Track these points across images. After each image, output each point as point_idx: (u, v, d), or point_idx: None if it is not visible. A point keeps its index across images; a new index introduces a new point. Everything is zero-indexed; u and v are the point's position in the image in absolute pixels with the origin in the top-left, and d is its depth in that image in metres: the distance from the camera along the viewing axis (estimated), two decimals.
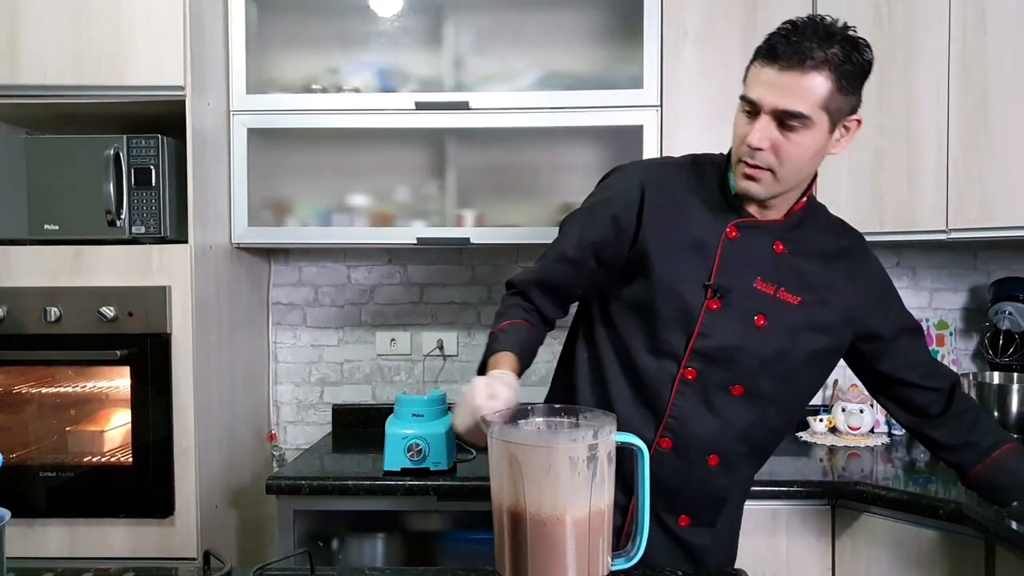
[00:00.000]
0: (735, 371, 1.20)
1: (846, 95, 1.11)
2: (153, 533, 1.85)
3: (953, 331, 2.35)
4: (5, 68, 1.85)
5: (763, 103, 1.10)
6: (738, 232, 1.20)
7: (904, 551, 1.71)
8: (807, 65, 1.07)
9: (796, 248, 1.22)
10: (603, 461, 0.91)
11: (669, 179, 1.25)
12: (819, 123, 1.10)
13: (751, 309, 1.19)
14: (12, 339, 1.83)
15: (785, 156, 1.11)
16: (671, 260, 1.20)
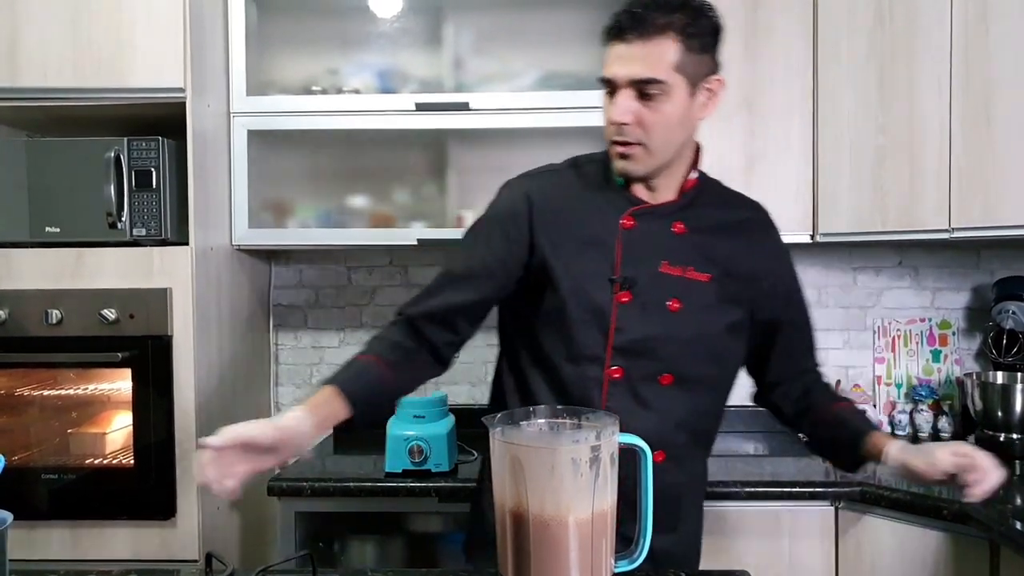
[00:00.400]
0: (660, 360, 1.18)
1: (698, 55, 1.12)
2: (155, 535, 1.85)
3: (956, 331, 2.34)
4: (5, 71, 1.85)
5: (617, 78, 1.11)
6: (634, 220, 1.19)
7: (908, 552, 1.70)
8: (651, 32, 1.08)
9: (696, 225, 1.21)
10: (606, 462, 0.90)
11: (554, 185, 1.24)
12: (677, 87, 1.11)
13: (662, 295, 1.18)
14: (14, 341, 1.83)
15: (651, 126, 1.12)
16: (572, 263, 1.18)
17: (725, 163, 2.06)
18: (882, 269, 2.38)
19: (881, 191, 1.97)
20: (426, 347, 1.22)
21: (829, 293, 2.39)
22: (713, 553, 1.81)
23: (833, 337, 2.39)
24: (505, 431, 0.94)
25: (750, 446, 2.21)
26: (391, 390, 1.20)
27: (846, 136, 2.01)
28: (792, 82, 2.06)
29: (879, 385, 2.35)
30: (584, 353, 1.17)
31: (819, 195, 2.05)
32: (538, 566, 0.89)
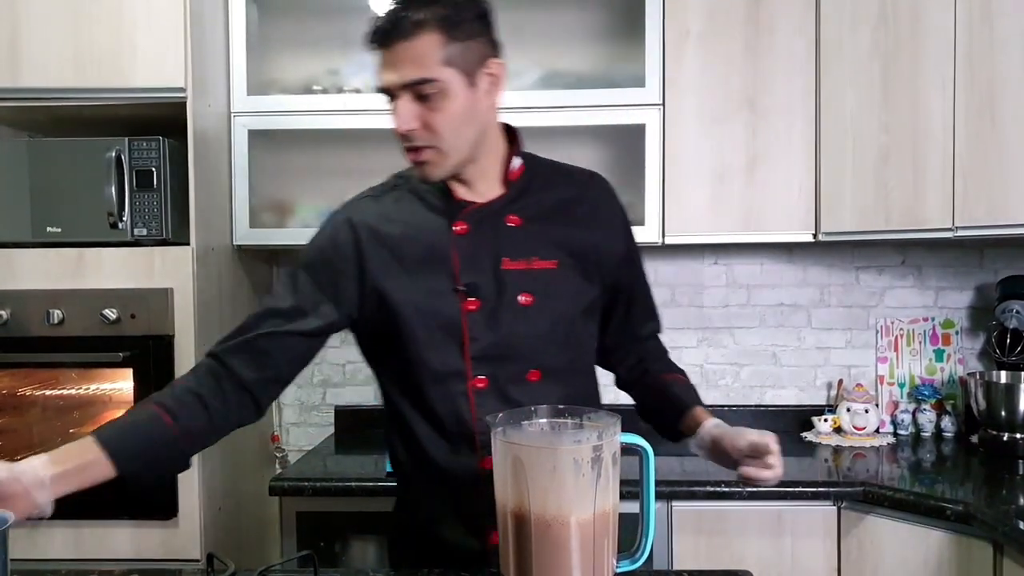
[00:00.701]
0: (522, 359, 1.14)
1: (465, 44, 1.06)
2: (157, 535, 1.85)
3: (959, 330, 2.33)
4: (6, 71, 1.85)
5: (390, 85, 1.07)
6: (466, 224, 1.14)
7: (911, 553, 1.69)
8: (410, 31, 1.04)
9: (531, 214, 1.17)
10: (608, 462, 0.90)
11: (377, 208, 1.18)
12: (452, 81, 1.05)
13: (511, 292, 1.13)
14: (16, 342, 1.83)
15: (437, 127, 1.07)
16: (411, 284, 1.13)
17: (726, 162, 2.07)
18: (885, 268, 2.37)
19: (884, 190, 1.97)
20: (232, 387, 1.11)
21: (831, 292, 2.39)
22: (715, 553, 1.81)
23: (835, 336, 2.38)
24: (506, 431, 0.93)
25: None
26: (170, 441, 1.08)
27: (849, 134, 2.01)
28: (794, 80, 2.06)
29: (882, 385, 2.34)
30: (444, 371, 1.13)
31: (822, 194, 2.05)
32: (540, 566, 0.89)
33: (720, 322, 2.41)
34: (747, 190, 2.07)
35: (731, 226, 2.07)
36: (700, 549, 1.81)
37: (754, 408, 2.39)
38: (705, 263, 2.41)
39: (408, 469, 1.21)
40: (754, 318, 2.40)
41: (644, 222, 2.05)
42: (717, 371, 2.41)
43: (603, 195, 1.25)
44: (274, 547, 2.23)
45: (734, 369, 2.41)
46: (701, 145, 2.07)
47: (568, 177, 1.24)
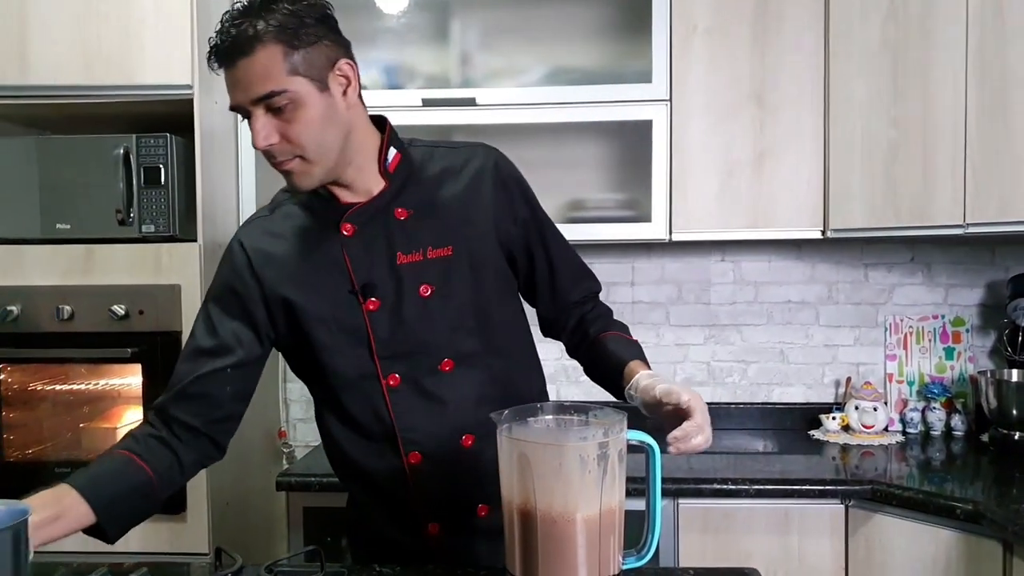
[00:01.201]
0: (432, 351, 1.13)
1: (308, 50, 1.03)
2: (165, 530, 1.87)
3: (970, 328, 2.31)
4: (15, 69, 1.86)
5: (240, 101, 1.04)
6: (353, 226, 1.13)
7: (920, 552, 1.68)
8: (246, 47, 1.00)
9: (416, 204, 1.15)
10: (614, 459, 0.90)
11: (266, 226, 1.18)
12: (302, 89, 1.03)
13: (410, 285, 1.12)
14: (26, 337, 1.85)
15: (296, 137, 1.04)
16: (309, 294, 1.13)
17: (733, 158, 2.06)
18: (894, 265, 2.36)
19: (893, 186, 1.95)
20: (187, 435, 1.13)
21: (840, 289, 2.37)
22: (721, 551, 1.81)
23: (844, 334, 2.37)
24: (512, 428, 0.93)
25: (759, 443, 2.20)
26: (145, 485, 1.09)
27: (858, 130, 1.99)
28: (802, 75, 2.04)
29: (891, 383, 2.33)
30: (356, 375, 1.13)
31: (830, 190, 2.03)
32: (545, 563, 0.89)
33: (727, 319, 2.40)
34: (755, 186, 2.06)
35: (738, 222, 2.06)
36: (707, 547, 1.81)
37: (761, 406, 2.38)
38: (712, 260, 2.40)
39: (341, 474, 1.23)
40: (762, 315, 2.39)
41: (651, 218, 2.05)
42: (724, 368, 2.40)
43: (486, 163, 1.19)
44: (281, 542, 2.24)
45: (741, 367, 2.40)
46: (708, 141, 2.06)
47: (451, 157, 1.21)
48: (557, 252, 1.25)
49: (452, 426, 1.14)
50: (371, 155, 1.14)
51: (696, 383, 2.40)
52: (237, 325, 1.15)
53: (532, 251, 1.23)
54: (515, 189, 1.21)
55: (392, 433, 1.14)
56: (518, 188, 1.22)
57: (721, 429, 2.35)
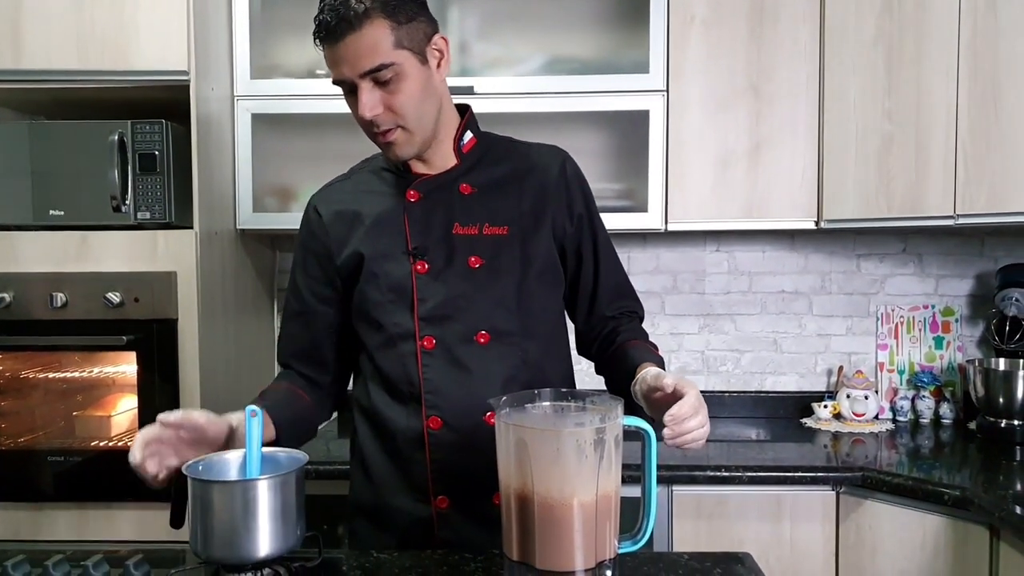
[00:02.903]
0: (470, 320, 1.17)
1: (408, 25, 1.10)
2: (161, 517, 1.85)
3: (959, 318, 2.34)
4: (9, 53, 1.85)
5: (349, 76, 1.11)
6: (418, 193, 1.20)
7: (908, 537, 1.71)
8: (356, 23, 1.07)
9: (483, 182, 1.22)
10: (610, 445, 0.91)
11: (341, 189, 1.28)
12: (406, 63, 1.10)
13: (461, 256, 1.18)
14: (19, 325, 1.84)
15: (400, 108, 1.12)
16: (367, 250, 1.20)
17: (729, 148, 2.07)
18: (886, 256, 2.38)
19: (887, 177, 1.97)
20: (306, 383, 1.28)
21: (833, 279, 2.39)
22: (715, 536, 1.83)
23: (836, 323, 2.39)
24: (511, 413, 0.94)
25: (752, 431, 2.22)
26: (308, 412, 1.26)
27: (852, 121, 2.01)
28: (798, 67, 2.05)
29: (881, 371, 2.35)
30: (395, 332, 1.18)
31: (824, 181, 2.05)
32: (542, 547, 0.90)
33: (721, 309, 2.41)
34: (750, 177, 2.07)
35: (734, 213, 2.07)
36: (700, 533, 1.83)
37: (755, 394, 2.40)
38: (707, 250, 2.41)
39: (364, 437, 1.26)
40: (755, 305, 2.41)
41: (647, 208, 2.06)
42: (718, 357, 2.42)
43: (555, 160, 1.26)
44: None
45: (735, 355, 2.42)
46: (705, 131, 2.07)
47: (523, 150, 1.28)
48: (605, 264, 1.29)
49: (476, 399, 1.16)
50: (450, 132, 1.22)
51: (690, 372, 2.42)
52: (318, 286, 1.25)
53: (582, 253, 1.27)
54: (577, 188, 1.26)
55: (418, 394, 1.18)
56: (580, 188, 1.27)
57: (715, 417, 2.37)
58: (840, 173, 2.03)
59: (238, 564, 0.99)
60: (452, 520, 1.19)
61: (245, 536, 0.97)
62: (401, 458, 1.20)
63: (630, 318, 1.32)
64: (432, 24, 1.15)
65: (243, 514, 0.97)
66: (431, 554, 1.12)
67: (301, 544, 1.04)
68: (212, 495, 0.98)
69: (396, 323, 1.18)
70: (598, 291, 1.29)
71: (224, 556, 0.99)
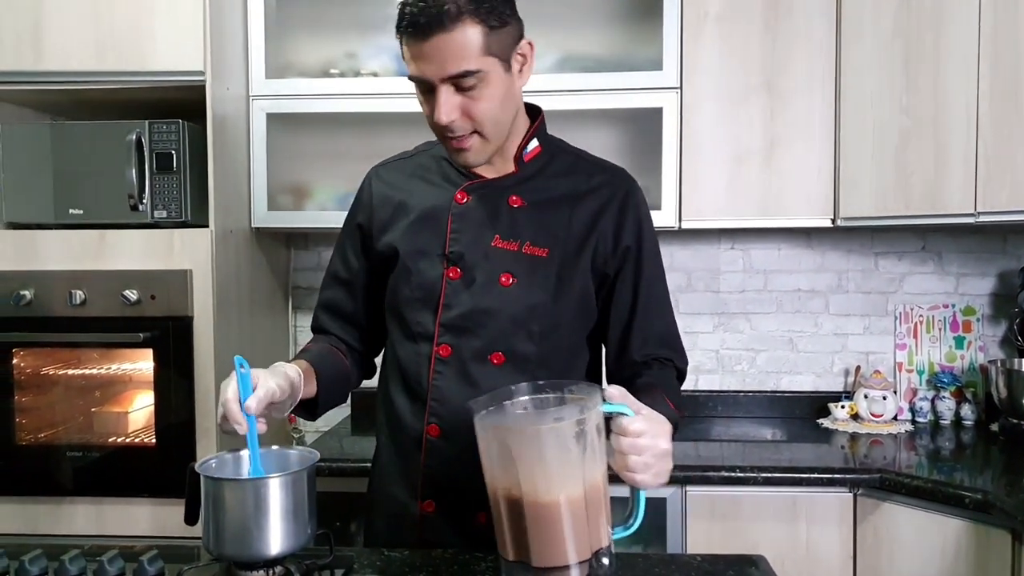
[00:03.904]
0: (488, 337, 1.13)
1: (500, 30, 1.04)
2: (176, 513, 1.86)
3: (980, 317, 2.31)
4: (30, 55, 1.87)
5: (430, 77, 1.03)
6: (468, 196, 1.16)
7: (928, 541, 1.69)
8: (448, 23, 1.00)
9: (535, 198, 1.16)
10: (592, 434, 0.88)
11: (398, 169, 1.25)
12: (492, 70, 1.04)
13: (494, 270, 1.13)
14: (39, 321, 1.86)
15: (479, 115, 1.06)
16: (406, 242, 1.17)
17: (744, 146, 2.05)
18: (905, 254, 2.35)
19: (904, 174, 1.94)
20: (342, 344, 1.27)
21: (849, 278, 2.37)
22: (729, 538, 1.81)
23: (853, 322, 2.36)
24: (489, 414, 0.91)
25: (767, 431, 2.20)
26: (346, 374, 1.25)
27: (869, 117, 1.98)
28: (814, 62, 2.03)
29: (900, 371, 2.32)
30: (416, 331, 1.17)
31: (840, 178, 2.02)
32: (537, 545, 0.89)
33: (736, 307, 2.39)
34: (765, 174, 2.05)
35: (748, 210, 2.06)
36: (714, 534, 1.81)
37: (770, 394, 2.38)
38: (722, 248, 2.39)
39: (380, 424, 1.27)
40: (771, 303, 2.39)
41: (661, 206, 2.04)
42: (733, 356, 2.40)
43: (619, 187, 1.20)
44: None
45: (750, 355, 2.40)
46: (718, 129, 2.05)
47: (588, 168, 1.21)
48: (645, 305, 1.19)
49: None
50: (517, 137, 1.17)
51: (705, 371, 2.40)
52: (357, 256, 1.25)
53: (617, 287, 1.18)
54: (632, 218, 1.18)
55: (425, 397, 1.17)
56: (635, 219, 1.19)
57: (729, 417, 2.35)
58: (857, 170, 2.00)
59: (250, 562, 1.00)
60: (436, 525, 1.18)
61: (257, 534, 0.97)
62: (402, 451, 1.21)
63: (662, 365, 1.21)
64: (520, 27, 1.09)
65: (255, 512, 0.97)
66: (441, 553, 1.12)
67: (313, 542, 1.04)
68: (224, 493, 0.99)
69: (419, 322, 1.17)
70: (632, 333, 1.19)
71: (236, 554, 0.99)
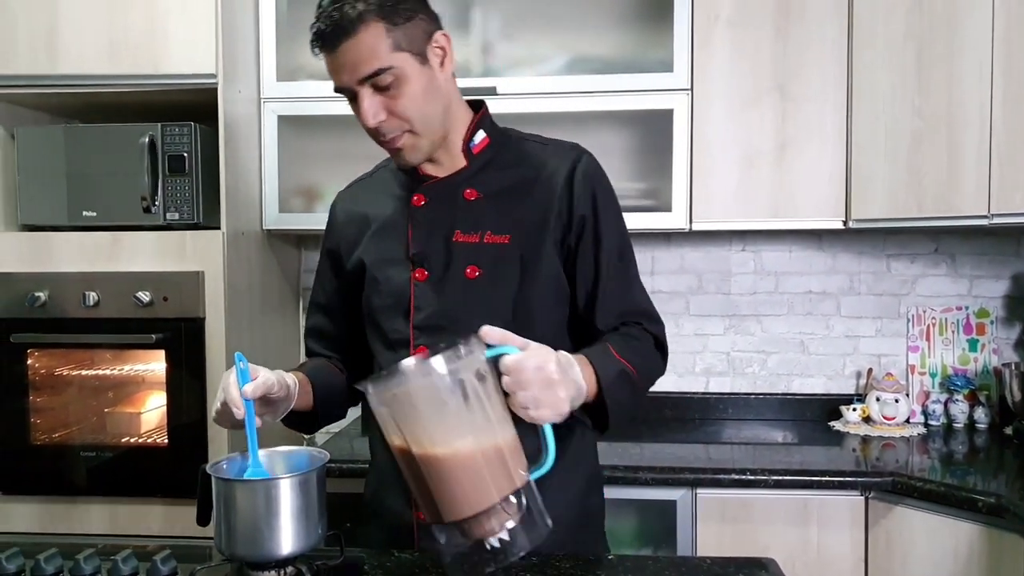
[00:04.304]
0: (464, 332, 1.09)
1: (405, 25, 1.06)
2: (189, 513, 1.87)
3: (994, 320, 2.29)
4: (44, 59, 1.89)
5: (348, 84, 1.07)
6: (424, 197, 1.18)
7: (940, 545, 1.67)
8: (351, 28, 1.03)
9: (490, 188, 1.17)
10: (473, 382, 0.87)
11: (359, 189, 1.30)
12: (405, 65, 1.06)
13: (459, 264, 1.14)
14: (54, 323, 1.88)
15: (403, 111, 1.08)
16: (371, 254, 1.20)
17: (755, 148, 2.04)
18: (917, 256, 2.33)
19: (917, 176, 1.93)
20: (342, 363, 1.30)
21: (862, 280, 2.35)
22: (739, 541, 1.81)
23: (865, 325, 2.35)
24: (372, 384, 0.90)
25: (778, 434, 2.19)
26: (345, 391, 1.27)
27: (881, 119, 1.97)
28: (825, 64, 2.02)
29: (912, 374, 2.31)
30: (394, 339, 1.18)
31: (852, 180, 2.01)
32: (446, 501, 0.88)
33: (747, 309, 2.38)
34: (776, 176, 2.04)
35: (759, 212, 2.05)
36: (724, 537, 1.81)
37: (781, 396, 2.37)
38: (733, 250, 2.38)
39: (373, 432, 1.27)
40: (782, 306, 2.38)
41: (671, 208, 2.04)
42: (744, 359, 2.39)
43: (566, 161, 1.18)
44: None
45: (761, 357, 2.39)
46: (729, 131, 2.04)
47: (538, 152, 1.21)
48: (608, 274, 1.16)
49: None
50: (459, 132, 1.18)
51: (716, 373, 2.39)
52: (334, 281, 1.28)
53: (578, 258, 1.17)
54: (584, 187, 1.17)
55: None
56: (588, 187, 1.17)
57: (740, 420, 2.34)
58: (869, 172, 1.99)
59: (261, 562, 1.00)
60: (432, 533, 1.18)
61: (268, 534, 0.98)
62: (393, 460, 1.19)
63: (629, 327, 1.18)
64: (433, 21, 1.12)
65: (265, 513, 0.98)
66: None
67: (323, 542, 1.05)
68: (235, 494, 1.00)
69: (395, 329, 1.18)
70: (596, 303, 1.17)
71: (247, 554, 1.00)
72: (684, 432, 2.17)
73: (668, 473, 1.79)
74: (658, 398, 2.38)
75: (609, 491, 1.30)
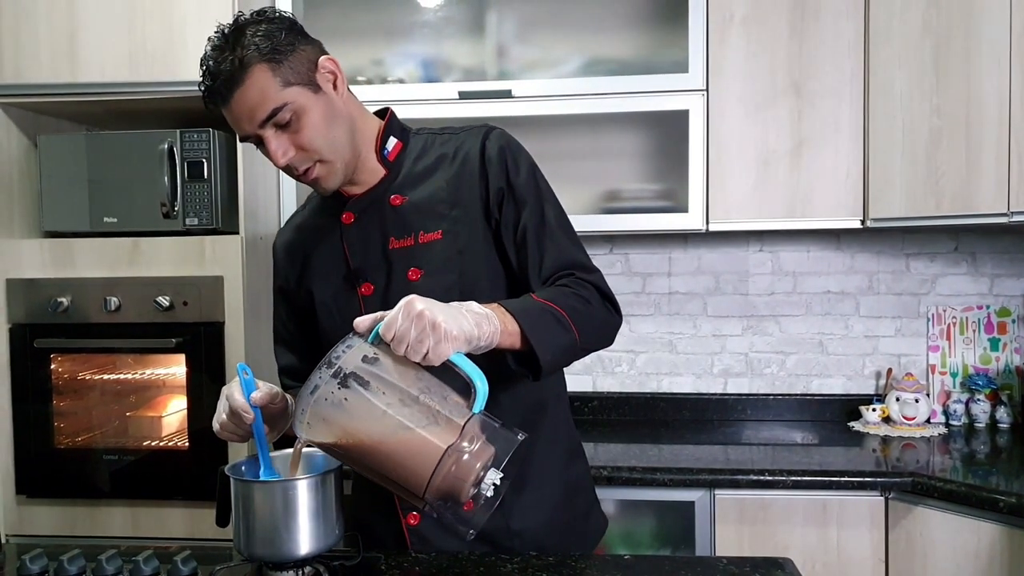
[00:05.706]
0: None
1: (287, 61, 1.07)
2: (209, 515, 1.89)
3: (1016, 318, 2.26)
4: (66, 68, 1.92)
5: (249, 130, 1.09)
6: (352, 214, 1.19)
7: (962, 545, 1.66)
8: (238, 78, 1.05)
9: (412, 189, 1.18)
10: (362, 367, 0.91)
11: (293, 222, 1.30)
12: (299, 98, 1.07)
13: (400, 270, 1.15)
14: (76, 328, 1.91)
15: (309, 143, 1.09)
16: (320, 282, 1.22)
17: (771, 147, 2.04)
18: (937, 255, 2.31)
19: (936, 174, 1.91)
20: None
21: (880, 279, 2.33)
22: (758, 542, 1.80)
23: (885, 324, 2.33)
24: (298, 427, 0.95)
25: (797, 435, 2.17)
26: None
27: (899, 118, 1.95)
28: (842, 63, 2.01)
29: (933, 374, 2.28)
30: None
31: (870, 179, 2.00)
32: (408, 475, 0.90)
33: (765, 310, 2.37)
34: (793, 176, 2.03)
35: (776, 212, 2.04)
36: (743, 538, 1.80)
37: (800, 397, 2.35)
38: (750, 250, 2.37)
39: None
40: (800, 306, 2.36)
41: (688, 208, 2.03)
42: (762, 359, 2.38)
43: (476, 142, 1.18)
44: None
45: (780, 358, 2.37)
46: (746, 131, 2.04)
47: (448, 138, 1.21)
48: (534, 233, 1.15)
49: None
50: (371, 145, 1.19)
51: (734, 374, 2.38)
52: (292, 317, 1.30)
53: (503, 228, 1.16)
54: (496, 161, 1.16)
55: None
56: (499, 161, 1.16)
57: (759, 420, 2.33)
58: (886, 171, 1.97)
59: (280, 562, 1.01)
60: (424, 536, 1.18)
61: (286, 535, 0.99)
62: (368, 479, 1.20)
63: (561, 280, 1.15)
64: (315, 48, 1.12)
65: (283, 514, 0.99)
66: (468, 555, 1.13)
67: (341, 542, 1.06)
68: (253, 495, 1.01)
69: None
70: (528, 266, 1.15)
71: (266, 554, 1.01)
72: (702, 433, 2.17)
73: (686, 474, 1.79)
74: (676, 399, 2.37)
75: (627, 492, 1.31)
